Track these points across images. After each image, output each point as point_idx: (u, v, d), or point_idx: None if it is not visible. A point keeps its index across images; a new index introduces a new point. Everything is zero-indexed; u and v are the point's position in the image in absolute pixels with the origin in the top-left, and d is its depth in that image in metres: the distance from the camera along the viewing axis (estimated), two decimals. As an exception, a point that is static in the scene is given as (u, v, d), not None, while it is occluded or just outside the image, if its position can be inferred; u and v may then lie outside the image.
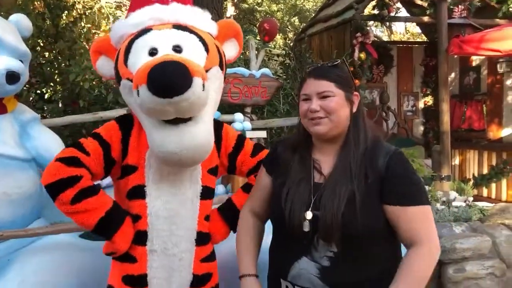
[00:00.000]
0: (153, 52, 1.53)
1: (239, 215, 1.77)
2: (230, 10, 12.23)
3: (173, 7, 1.64)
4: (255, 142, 1.93)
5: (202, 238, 1.75)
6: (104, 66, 1.74)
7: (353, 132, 1.53)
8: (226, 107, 4.52)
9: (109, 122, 1.72)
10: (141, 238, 1.66)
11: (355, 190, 1.43)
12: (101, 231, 1.60)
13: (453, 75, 7.47)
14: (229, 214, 1.85)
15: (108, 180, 1.95)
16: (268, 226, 1.70)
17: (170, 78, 1.33)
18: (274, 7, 17.25)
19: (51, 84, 5.13)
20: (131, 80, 1.50)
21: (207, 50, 1.60)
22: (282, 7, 17.50)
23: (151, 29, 1.59)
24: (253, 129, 3.85)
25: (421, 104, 7.74)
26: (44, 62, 5.09)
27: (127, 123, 1.69)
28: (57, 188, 1.51)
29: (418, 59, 7.65)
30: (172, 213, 1.65)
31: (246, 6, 15.12)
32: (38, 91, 5.17)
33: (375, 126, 1.62)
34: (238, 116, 3.89)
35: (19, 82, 2.36)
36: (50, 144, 2.48)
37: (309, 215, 1.46)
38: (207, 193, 1.75)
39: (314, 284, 1.44)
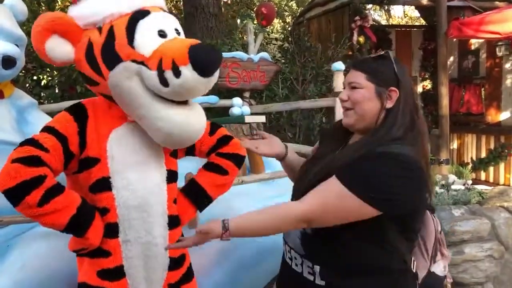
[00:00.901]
0: (162, 34, 1.53)
1: (203, 194, 1.85)
2: (227, -6, 12.09)
3: None
4: (211, 122, 1.95)
5: (174, 221, 1.74)
6: (56, 48, 1.54)
7: (374, 131, 1.46)
8: (224, 92, 4.50)
9: (60, 114, 1.60)
10: (112, 230, 1.61)
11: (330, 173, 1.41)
12: (73, 229, 1.52)
13: (451, 58, 7.44)
14: (194, 194, 1.86)
15: None
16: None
17: (213, 59, 1.46)
18: (272, -9, 17.08)
19: (48, 69, 5.09)
20: (137, 62, 1.46)
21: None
22: (280, -9, 17.33)
23: (149, 11, 1.55)
24: (252, 114, 3.83)
25: (419, 88, 7.71)
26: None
27: (81, 114, 1.60)
28: (19, 191, 1.38)
29: (417, 43, 7.62)
30: (141, 201, 1.61)
31: (243, -10, 14.95)
32: (35, 77, 5.14)
33: (420, 137, 1.46)
34: (237, 100, 3.87)
35: (15, 67, 2.33)
36: (48, 130, 2.46)
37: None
38: (172, 176, 1.75)
39: (295, 244, 1.52)
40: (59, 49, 1.55)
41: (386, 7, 6.75)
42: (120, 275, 1.64)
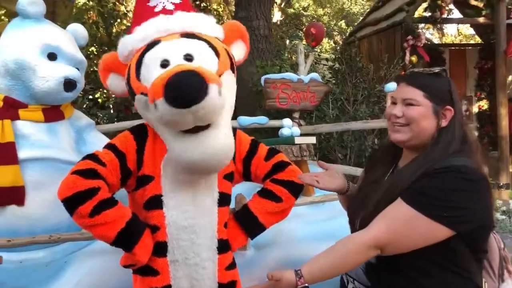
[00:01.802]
0: (164, 63, 1.51)
1: (255, 221, 1.76)
2: (277, 15, 12.23)
3: (177, 16, 1.63)
4: (270, 147, 1.87)
5: (224, 246, 1.71)
6: (114, 83, 1.73)
7: (431, 147, 1.43)
8: (273, 112, 4.50)
9: (123, 133, 1.69)
10: (161, 249, 1.62)
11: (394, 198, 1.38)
12: (121, 243, 1.54)
13: (510, 78, 7.13)
14: (246, 221, 1.79)
15: None
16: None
17: (186, 88, 1.33)
18: (321, 11, 17.13)
19: (104, 90, 5.29)
20: (146, 94, 1.49)
21: (217, 55, 1.58)
22: (329, 11, 17.35)
23: (159, 41, 1.57)
24: (301, 135, 3.79)
25: (475, 109, 7.42)
26: (97, 69, 5.27)
27: (141, 133, 1.67)
28: (75, 201, 1.46)
29: (472, 62, 7.36)
30: (191, 222, 1.61)
31: (293, 11, 15.08)
32: (92, 97, 5.35)
33: (473, 147, 1.45)
34: (287, 121, 3.85)
35: (76, 90, 2.43)
36: (104, 150, 2.54)
37: (361, 214, 1.48)
38: (224, 199, 1.70)
39: (358, 275, 1.48)
40: (116, 84, 1.73)
41: (439, 26, 6.59)
42: None
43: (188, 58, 1.52)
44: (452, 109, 1.45)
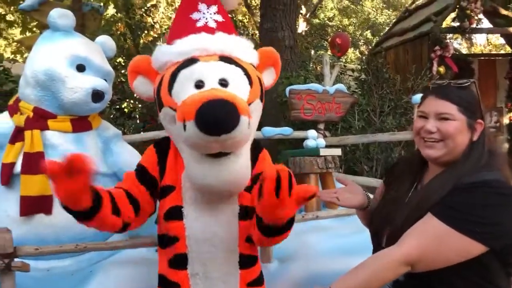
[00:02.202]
0: (199, 84, 1.51)
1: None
2: (302, 26, 12.24)
3: (219, 37, 1.62)
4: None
5: (246, 261, 1.66)
6: (141, 86, 1.74)
7: (462, 160, 1.40)
8: (298, 123, 4.48)
9: (148, 148, 1.76)
10: (181, 261, 1.61)
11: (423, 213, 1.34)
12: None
13: (542, 88, 6.96)
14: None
15: None
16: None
17: (219, 118, 1.33)
18: (346, 21, 17.09)
19: (131, 101, 5.38)
20: (174, 109, 1.50)
21: (250, 83, 1.59)
22: (354, 21, 17.31)
23: (197, 60, 1.57)
24: (326, 146, 3.76)
25: (505, 120, 7.25)
26: (125, 80, 5.36)
27: (163, 145, 1.71)
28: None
29: (502, 72, 7.21)
30: (210, 235, 1.59)
31: (318, 21, 15.08)
32: (118, 108, 5.44)
33: (501, 160, 1.42)
34: (312, 133, 3.82)
35: (103, 101, 2.46)
36: (131, 160, 2.55)
37: (387, 232, 1.45)
38: (245, 212, 1.64)
39: None
40: (142, 87, 1.74)
41: (468, 36, 6.48)
42: None
43: (223, 83, 1.52)
44: (482, 122, 1.42)
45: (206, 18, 1.65)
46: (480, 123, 1.42)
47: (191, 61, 1.57)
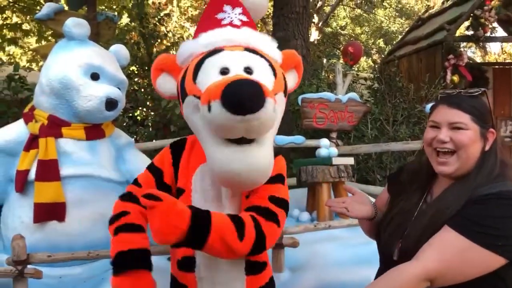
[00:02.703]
0: (224, 71, 1.50)
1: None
2: (314, 35, 12.26)
3: (244, 31, 1.63)
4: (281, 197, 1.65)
5: (253, 267, 1.63)
6: (164, 84, 1.72)
7: (475, 171, 1.37)
8: (311, 132, 4.46)
9: (164, 147, 1.75)
10: (189, 264, 1.60)
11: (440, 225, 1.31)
12: (114, 265, 1.56)
13: (558, 98, 6.85)
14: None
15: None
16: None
17: (245, 96, 1.31)
18: (358, 30, 17.07)
19: (144, 109, 5.41)
20: (198, 97, 1.48)
21: (275, 75, 1.58)
22: (367, 30, 17.28)
23: (223, 49, 1.57)
24: (339, 155, 3.74)
25: (521, 130, 7.15)
26: (137, 88, 5.41)
27: (179, 146, 1.71)
28: (111, 221, 1.61)
29: (517, 81, 7.12)
30: None
31: (330, 30, 15.09)
32: (131, 115, 5.48)
33: (509, 161, 1.43)
34: (324, 141, 3.80)
35: (117, 109, 2.48)
36: (143, 168, 2.56)
37: (399, 245, 1.40)
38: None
39: None
40: (166, 84, 1.72)
41: (482, 44, 6.42)
42: None
43: (248, 71, 1.52)
44: (494, 132, 1.40)
45: (231, 18, 1.67)
46: (492, 132, 1.39)
47: (217, 50, 1.57)
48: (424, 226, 1.34)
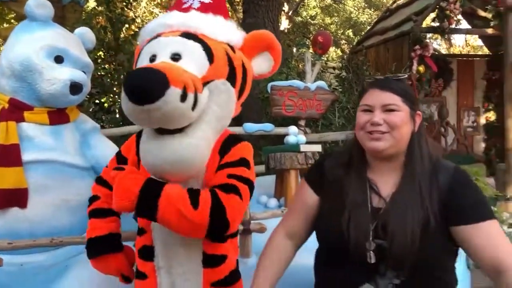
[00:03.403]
0: (152, 59, 1.47)
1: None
2: (284, 23, 12.26)
3: (187, 15, 1.57)
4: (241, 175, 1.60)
5: (210, 260, 1.58)
6: None
7: (417, 151, 1.43)
8: (279, 119, 4.49)
9: (131, 136, 1.76)
10: (148, 253, 1.60)
11: (430, 215, 1.34)
12: (88, 248, 1.74)
13: (518, 89, 7.09)
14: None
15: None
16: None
17: (141, 85, 1.26)
18: (328, 20, 17.17)
19: (111, 95, 5.31)
20: None
21: (211, 60, 1.48)
22: (336, 20, 17.40)
23: (159, 36, 1.54)
24: (307, 143, 3.77)
25: (482, 120, 7.40)
26: (104, 73, 5.29)
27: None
28: (88, 203, 1.78)
29: (480, 73, 7.35)
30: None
31: (300, 19, 15.12)
32: (98, 101, 5.37)
33: (435, 144, 1.54)
34: (293, 129, 3.83)
35: (82, 93, 2.42)
36: (109, 154, 2.49)
37: (372, 245, 1.36)
38: None
39: None
40: None
41: (447, 36, 6.55)
42: None
43: (176, 57, 1.45)
44: (421, 114, 1.48)
45: (193, 0, 1.62)
46: (419, 115, 1.47)
47: (154, 37, 1.55)
48: (411, 226, 1.33)
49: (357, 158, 1.52)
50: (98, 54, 5.46)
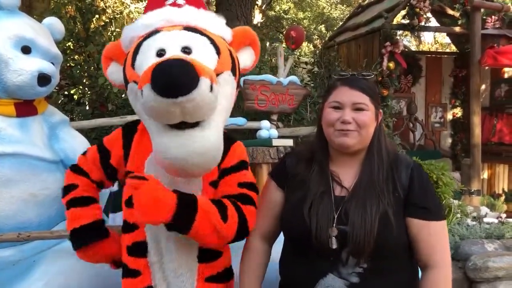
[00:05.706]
0: (161, 53, 1.44)
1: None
2: (258, 17, 12.25)
3: (184, 10, 1.56)
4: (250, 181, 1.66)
5: (206, 255, 1.59)
6: (114, 72, 1.67)
7: (376, 146, 1.51)
8: (252, 114, 4.50)
9: (116, 129, 1.73)
10: (141, 249, 1.58)
11: (386, 204, 1.40)
12: (73, 240, 1.70)
13: (483, 87, 7.27)
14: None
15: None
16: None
17: (174, 77, 1.23)
18: (301, 15, 17.24)
19: (80, 87, 5.20)
20: (136, 83, 1.42)
21: (218, 53, 1.50)
22: (309, 15, 17.48)
23: (161, 30, 1.52)
24: (279, 137, 3.80)
25: (449, 116, 7.57)
26: (74, 65, 5.17)
27: (131, 128, 1.68)
28: (63, 192, 1.73)
29: (448, 70, 7.50)
30: None
31: (273, 13, 15.14)
32: (67, 93, 5.25)
33: (391, 141, 1.62)
34: (265, 123, 3.86)
35: (50, 84, 2.36)
36: (78, 147, 2.47)
37: (335, 231, 1.41)
38: None
39: None
40: (115, 74, 1.69)
41: (417, 33, 6.69)
42: None
43: (186, 50, 1.44)
44: (381, 112, 1.55)
45: None
46: (380, 113, 1.54)
47: (154, 32, 1.51)
48: (370, 218, 1.39)
49: (320, 152, 1.56)
50: (67, 45, 5.34)
